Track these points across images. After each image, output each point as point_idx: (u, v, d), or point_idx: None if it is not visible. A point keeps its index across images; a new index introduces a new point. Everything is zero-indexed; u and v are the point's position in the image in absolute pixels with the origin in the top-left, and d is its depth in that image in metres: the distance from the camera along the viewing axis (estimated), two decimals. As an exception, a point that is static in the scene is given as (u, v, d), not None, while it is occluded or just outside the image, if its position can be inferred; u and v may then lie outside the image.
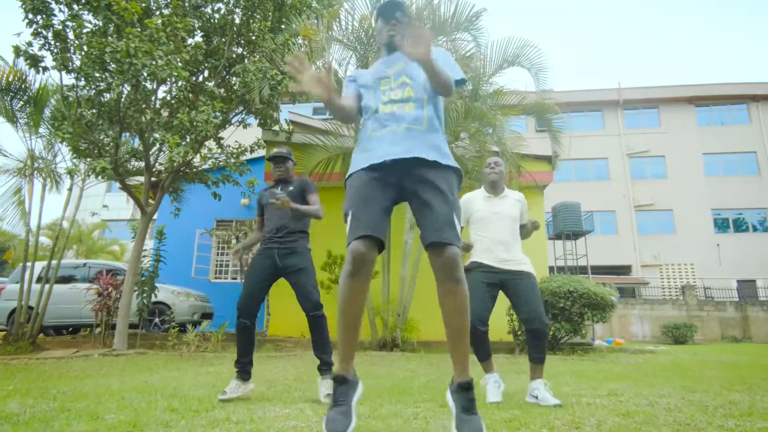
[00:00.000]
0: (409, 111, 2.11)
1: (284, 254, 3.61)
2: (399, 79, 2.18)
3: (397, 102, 2.14)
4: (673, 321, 19.78)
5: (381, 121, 2.13)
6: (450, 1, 7.69)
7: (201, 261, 13.50)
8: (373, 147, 2.09)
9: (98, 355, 7.13)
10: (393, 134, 2.07)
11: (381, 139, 2.09)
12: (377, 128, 2.14)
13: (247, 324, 3.49)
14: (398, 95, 2.15)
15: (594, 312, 7.63)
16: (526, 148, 9.53)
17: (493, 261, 3.41)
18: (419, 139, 2.06)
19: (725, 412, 2.86)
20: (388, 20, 2.27)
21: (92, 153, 7.75)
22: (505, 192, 3.61)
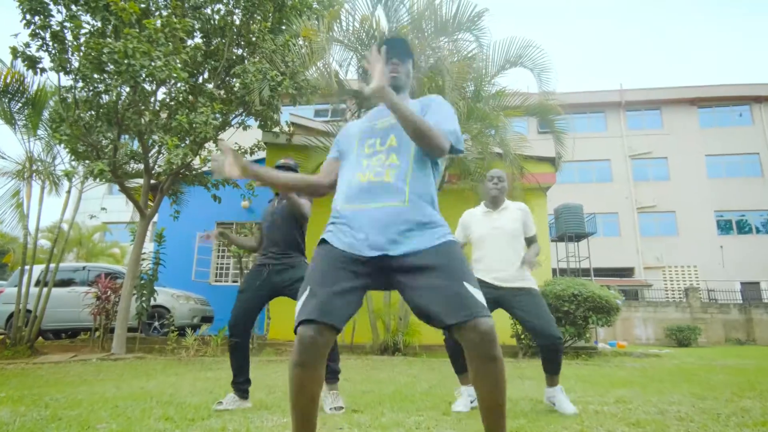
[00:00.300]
0: (389, 181, 1.74)
1: (278, 270, 3.49)
2: (387, 138, 1.83)
3: (377, 168, 1.78)
4: (677, 323, 19.62)
5: (354, 192, 1.78)
6: (452, 1, 7.61)
7: (201, 264, 13.40)
8: (344, 223, 1.76)
9: (96, 359, 7.04)
10: (367, 215, 1.72)
11: (353, 218, 1.74)
12: (349, 200, 1.78)
13: (239, 342, 3.39)
14: (381, 159, 1.79)
15: (599, 315, 7.52)
16: (529, 150, 9.43)
17: (493, 280, 3.32)
18: (399, 221, 1.69)
19: (738, 421, 2.76)
20: (388, 60, 1.94)
21: (90, 155, 7.67)
22: (505, 204, 3.51)
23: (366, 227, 1.69)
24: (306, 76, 8.46)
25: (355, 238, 1.69)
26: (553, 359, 3.18)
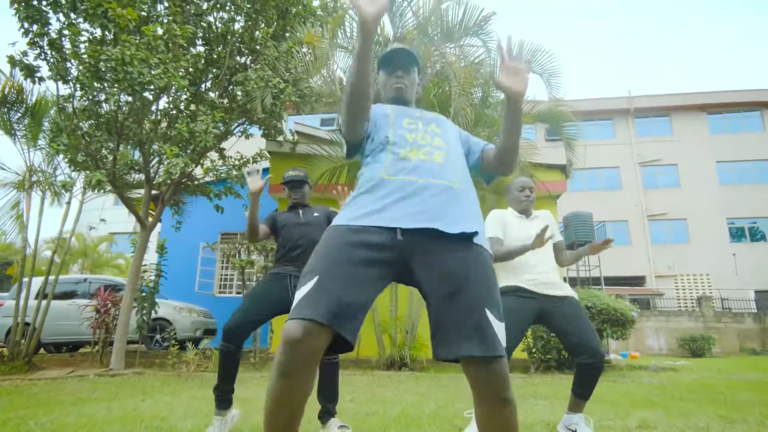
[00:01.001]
0: (439, 161, 1.60)
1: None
2: (430, 124, 1.73)
3: (425, 147, 1.63)
4: (690, 333, 19.20)
5: (398, 162, 1.58)
6: (458, 5, 7.41)
7: (205, 275, 13.23)
8: (383, 197, 1.52)
9: (93, 375, 6.84)
10: (414, 187, 1.52)
11: (395, 190, 1.52)
12: (392, 171, 1.57)
13: (232, 349, 3.09)
14: (426, 140, 1.66)
15: (614, 328, 7.23)
16: (538, 157, 9.20)
17: (530, 284, 2.97)
18: (451, 200, 1.53)
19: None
20: (392, 72, 1.84)
21: (90, 165, 7.51)
22: (534, 213, 3.25)
23: (413, 200, 1.49)
24: (310, 83, 8.30)
25: (398, 212, 1.47)
26: (592, 382, 2.85)
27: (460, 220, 1.49)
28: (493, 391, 1.34)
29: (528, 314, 2.90)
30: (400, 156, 1.59)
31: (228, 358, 3.09)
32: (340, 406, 3.41)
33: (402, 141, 1.63)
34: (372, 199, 1.53)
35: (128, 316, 7.97)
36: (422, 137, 1.65)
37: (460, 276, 1.40)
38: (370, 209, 1.50)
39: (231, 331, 3.07)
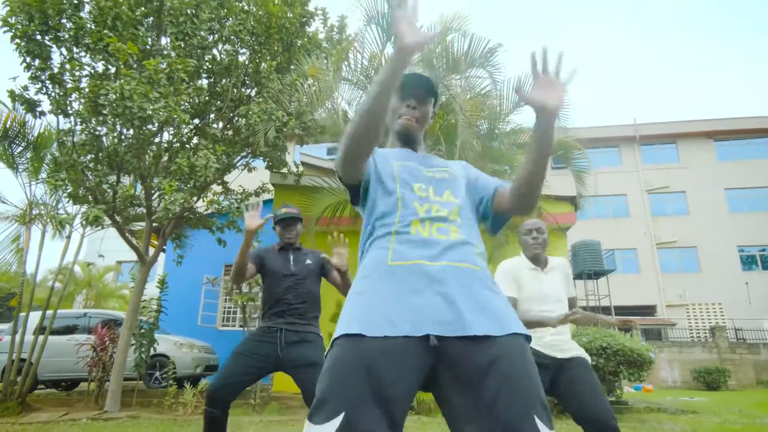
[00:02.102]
0: (457, 238, 1.35)
1: (292, 342, 2.96)
2: (443, 191, 1.46)
3: (438, 222, 1.37)
4: (704, 365, 18.69)
5: (409, 245, 1.33)
6: (464, 37, 7.33)
7: (208, 308, 12.99)
8: (390, 295, 1.25)
9: (86, 419, 6.56)
10: (429, 276, 1.25)
11: (410, 280, 1.26)
12: (403, 250, 1.32)
13: (217, 414, 2.82)
14: (441, 212, 1.39)
15: (630, 370, 6.92)
16: (546, 189, 8.99)
17: (540, 346, 2.75)
18: (477, 288, 1.28)
19: None
20: (403, 99, 1.57)
21: (87, 200, 7.38)
22: (550, 264, 2.98)
23: (434, 298, 1.22)
24: (313, 116, 8.20)
25: (416, 313, 1.20)
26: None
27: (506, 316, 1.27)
28: None
29: (547, 384, 2.65)
30: (410, 234, 1.34)
31: (213, 425, 2.82)
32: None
33: (410, 215, 1.38)
34: (377, 292, 1.27)
35: (125, 355, 7.73)
36: (436, 210, 1.39)
37: (499, 373, 1.16)
38: (380, 309, 1.23)
39: (216, 394, 2.80)
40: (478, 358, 1.16)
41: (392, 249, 1.32)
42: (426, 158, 1.58)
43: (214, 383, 2.83)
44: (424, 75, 1.59)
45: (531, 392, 1.14)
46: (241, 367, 2.90)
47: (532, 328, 2.64)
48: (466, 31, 7.31)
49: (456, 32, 7.45)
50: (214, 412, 2.81)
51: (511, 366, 1.16)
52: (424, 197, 1.42)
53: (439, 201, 1.42)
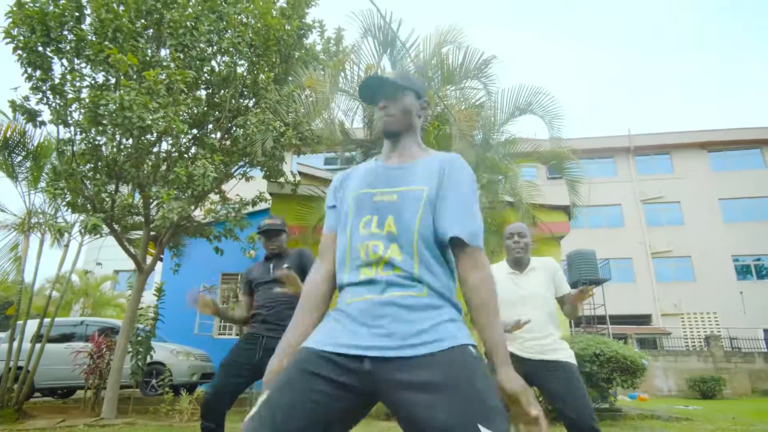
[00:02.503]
0: (398, 272, 1.35)
1: (270, 348, 3.02)
2: (385, 222, 1.41)
3: (378, 262, 1.38)
4: (700, 374, 18.76)
5: (355, 281, 1.40)
6: (458, 49, 7.49)
7: (204, 316, 13.01)
8: (341, 323, 1.36)
9: (83, 425, 6.59)
10: (368, 312, 1.33)
11: (354, 314, 1.35)
12: (349, 295, 1.40)
13: (212, 428, 2.88)
14: (382, 249, 1.38)
15: (623, 377, 6.99)
16: (541, 198, 9.13)
17: (520, 350, 2.85)
18: (412, 317, 1.30)
19: None
20: (375, 104, 1.61)
21: (86, 208, 7.47)
22: (531, 264, 3.06)
23: (371, 326, 1.30)
24: (310, 126, 8.32)
25: (353, 339, 1.29)
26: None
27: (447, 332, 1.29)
28: None
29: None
30: (357, 277, 1.40)
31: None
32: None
33: (355, 253, 1.43)
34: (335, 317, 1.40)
35: (122, 363, 7.77)
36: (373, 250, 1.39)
37: (441, 386, 1.19)
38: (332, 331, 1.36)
39: (210, 406, 2.89)
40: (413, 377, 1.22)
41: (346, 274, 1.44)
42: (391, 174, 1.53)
43: (208, 396, 2.92)
44: (383, 76, 1.60)
45: (474, 401, 1.16)
46: (230, 376, 2.98)
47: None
48: (461, 44, 7.47)
49: (451, 44, 7.62)
50: (209, 425, 2.88)
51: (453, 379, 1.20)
52: (366, 234, 1.42)
53: (379, 234, 1.40)
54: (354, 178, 1.60)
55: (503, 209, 8.47)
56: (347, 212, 1.50)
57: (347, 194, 1.55)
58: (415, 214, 1.38)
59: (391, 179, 1.48)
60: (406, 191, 1.43)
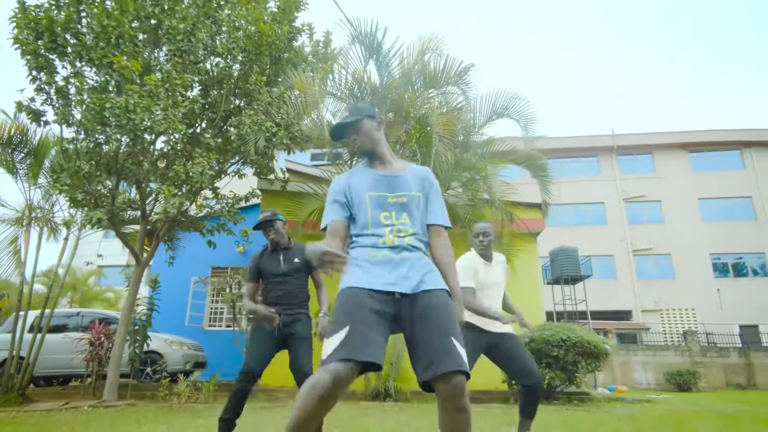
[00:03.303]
0: (409, 243, 2.08)
1: (287, 322, 3.66)
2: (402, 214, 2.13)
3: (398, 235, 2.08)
4: (677, 368, 19.44)
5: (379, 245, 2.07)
6: (439, 56, 7.99)
7: (195, 308, 13.42)
8: (374, 270, 2.00)
9: (87, 407, 7.02)
10: (392, 263, 2.02)
11: (384, 264, 2.02)
12: (375, 252, 2.06)
13: (250, 386, 3.54)
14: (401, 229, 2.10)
15: (588, 360, 7.56)
16: (519, 196, 9.66)
17: (483, 324, 3.51)
18: (418, 268, 2.03)
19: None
20: (346, 140, 2.29)
21: (89, 203, 7.87)
22: (495, 258, 3.76)
23: (397, 272, 1.99)
24: (300, 126, 8.76)
25: (387, 280, 1.96)
26: (535, 401, 3.42)
27: (429, 278, 2.01)
28: (454, 401, 1.76)
29: (478, 345, 3.46)
30: (379, 243, 2.06)
31: (243, 394, 3.53)
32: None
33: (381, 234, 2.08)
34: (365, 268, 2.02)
35: (122, 349, 8.19)
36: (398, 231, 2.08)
37: (432, 315, 1.89)
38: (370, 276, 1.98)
39: (252, 370, 3.51)
40: (420, 304, 1.94)
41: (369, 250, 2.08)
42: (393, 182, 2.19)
43: (250, 363, 3.53)
44: (341, 122, 2.26)
45: (445, 322, 1.89)
46: (262, 347, 3.61)
47: (485, 316, 3.45)
48: (442, 51, 7.97)
49: (433, 52, 8.11)
50: (248, 385, 3.52)
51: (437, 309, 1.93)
52: (389, 223, 2.11)
53: (399, 223, 2.11)
54: (359, 181, 2.21)
55: (482, 206, 9.00)
56: (363, 206, 2.15)
57: (359, 194, 2.18)
58: (418, 210, 2.16)
59: (395, 186, 2.17)
60: (411, 195, 2.16)
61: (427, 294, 1.95)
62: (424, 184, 2.24)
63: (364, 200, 2.15)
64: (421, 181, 2.23)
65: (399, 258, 2.02)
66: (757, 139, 28.42)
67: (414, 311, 1.93)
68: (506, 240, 9.18)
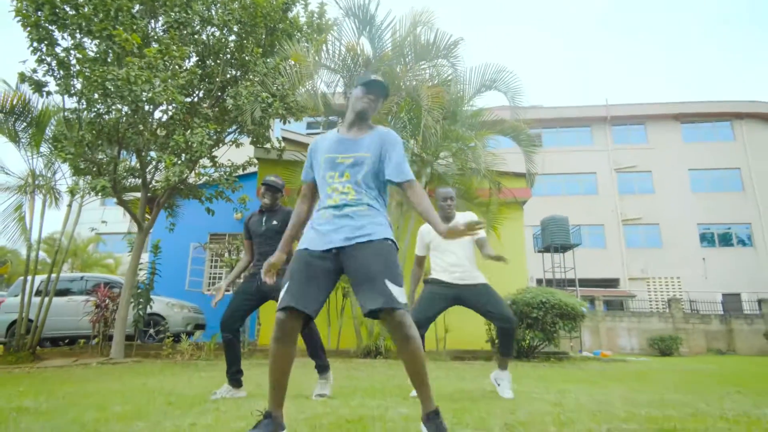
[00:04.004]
0: (352, 199, 2.31)
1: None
2: (344, 173, 2.35)
3: (340, 193, 2.33)
4: (660, 333, 20.12)
5: (326, 205, 2.34)
6: (430, 30, 8.23)
7: (194, 274, 13.87)
8: (320, 230, 2.30)
9: (96, 363, 7.50)
10: (334, 221, 2.29)
11: (326, 224, 2.30)
12: (323, 212, 2.34)
13: (230, 337, 3.90)
14: (342, 187, 2.33)
15: (565, 322, 8.07)
16: (506, 165, 10.04)
17: (449, 278, 3.91)
18: (358, 222, 2.27)
19: (645, 405, 3.30)
20: (366, 92, 2.45)
21: (92, 171, 8.18)
22: (456, 219, 4.09)
23: (336, 229, 2.26)
24: (295, 96, 9.02)
25: (328, 239, 2.26)
26: (509, 340, 3.80)
27: (374, 231, 2.28)
28: (400, 331, 2.10)
29: (444, 298, 3.90)
30: (327, 203, 2.36)
31: (228, 345, 3.92)
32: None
33: (327, 194, 2.38)
34: (315, 229, 2.35)
35: (126, 311, 8.64)
36: (341, 185, 2.34)
37: (368, 262, 2.20)
38: (315, 237, 2.31)
39: (223, 323, 3.91)
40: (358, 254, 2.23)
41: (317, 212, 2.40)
42: (348, 144, 2.41)
43: (223, 316, 3.92)
44: (383, 82, 2.47)
45: (380, 267, 2.17)
46: (236, 302, 3.97)
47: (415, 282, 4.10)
48: (433, 25, 8.21)
49: (424, 25, 8.34)
50: (227, 335, 3.91)
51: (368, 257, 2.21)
52: (331, 180, 2.36)
53: (342, 182, 2.35)
54: (323, 145, 2.47)
55: (471, 176, 9.38)
56: (319, 168, 2.43)
57: (319, 156, 2.45)
58: (365, 169, 2.35)
59: (349, 148, 2.40)
60: (359, 156, 2.37)
61: (361, 246, 2.22)
62: (385, 145, 2.39)
63: (320, 162, 2.42)
64: (380, 143, 2.39)
65: (340, 215, 2.27)
66: (749, 111, 28.66)
67: (353, 261, 2.21)
68: (494, 208, 9.60)
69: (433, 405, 2.18)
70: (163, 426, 2.52)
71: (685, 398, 3.76)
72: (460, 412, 2.89)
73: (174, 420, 2.71)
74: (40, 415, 2.95)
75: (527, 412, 2.89)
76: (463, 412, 2.89)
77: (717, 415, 2.88)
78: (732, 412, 3.00)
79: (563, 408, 3.07)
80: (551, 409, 3.04)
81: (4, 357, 8.55)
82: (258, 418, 2.18)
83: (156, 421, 2.66)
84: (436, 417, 2.16)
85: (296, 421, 2.60)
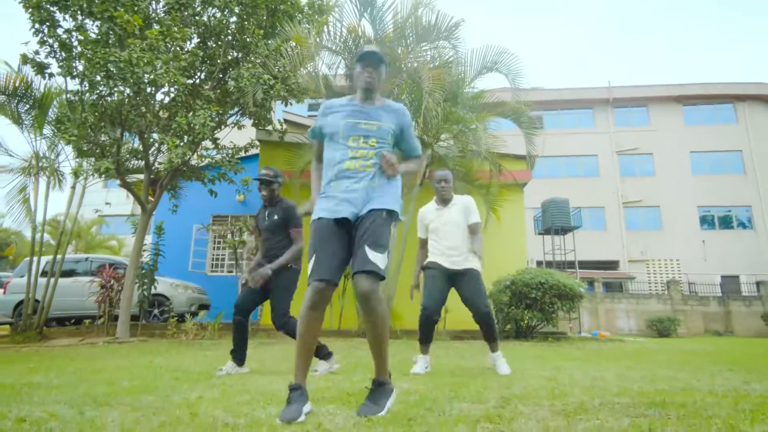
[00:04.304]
0: (369, 170, 2.40)
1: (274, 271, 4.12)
2: (370, 138, 2.44)
3: (360, 159, 2.41)
4: (658, 315, 20.28)
5: (344, 175, 2.40)
6: (431, 11, 8.21)
7: (198, 255, 14.00)
8: (336, 198, 2.38)
9: (103, 342, 7.65)
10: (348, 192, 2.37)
11: (343, 192, 2.38)
12: (340, 182, 2.41)
13: (241, 319, 4.05)
14: (366, 152, 2.41)
15: (564, 302, 8.19)
16: (507, 148, 10.07)
17: (445, 262, 4.03)
18: (367, 194, 2.38)
19: (638, 381, 3.41)
20: (365, 67, 2.50)
21: (95, 153, 8.24)
22: (453, 200, 4.17)
23: (354, 200, 2.35)
24: (297, 78, 9.03)
25: (347, 209, 2.34)
26: (487, 329, 3.98)
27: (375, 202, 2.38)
28: (361, 291, 2.21)
29: (445, 277, 4.04)
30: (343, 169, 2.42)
31: (238, 327, 4.06)
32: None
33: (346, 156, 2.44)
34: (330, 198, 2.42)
35: (132, 291, 8.76)
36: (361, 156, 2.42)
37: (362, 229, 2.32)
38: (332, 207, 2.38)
39: (237, 306, 4.06)
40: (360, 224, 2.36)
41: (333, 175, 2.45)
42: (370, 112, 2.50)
43: (237, 301, 4.09)
44: (376, 51, 2.51)
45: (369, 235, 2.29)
46: (248, 292, 4.11)
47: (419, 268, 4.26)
48: (434, 6, 8.19)
49: (425, 6, 8.32)
50: (238, 317, 4.05)
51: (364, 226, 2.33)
52: (355, 146, 2.44)
53: (365, 146, 2.44)
54: (338, 110, 2.53)
55: (472, 158, 9.42)
56: (337, 132, 2.46)
57: (335, 120, 2.48)
58: (386, 136, 2.49)
59: (371, 115, 2.49)
60: (381, 125, 2.49)
61: (365, 216, 2.34)
62: (402, 121, 2.57)
63: (339, 125, 2.46)
64: (396, 117, 2.54)
65: (354, 188, 2.36)
66: (751, 93, 28.48)
67: (357, 230, 2.35)
68: (494, 190, 9.66)
69: (383, 376, 2.34)
70: (172, 399, 2.63)
71: (678, 375, 3.86)
72: (458, 387, 3.00)
73: (182, 394, 2.82)
74: (51, 389, 3.07)
75: (522, 387, 3.00)
76: (461, 387, 3.00)
77: (706, 390, 2.98)
78: (722, 387, 3.09)
79: (558, 383, 3.18)
80: (546, 384, 3.15)
81: (12, 336, 8.71)
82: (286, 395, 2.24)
83: (164, 395, 2.76)
84: (379, 386, 2.31)
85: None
